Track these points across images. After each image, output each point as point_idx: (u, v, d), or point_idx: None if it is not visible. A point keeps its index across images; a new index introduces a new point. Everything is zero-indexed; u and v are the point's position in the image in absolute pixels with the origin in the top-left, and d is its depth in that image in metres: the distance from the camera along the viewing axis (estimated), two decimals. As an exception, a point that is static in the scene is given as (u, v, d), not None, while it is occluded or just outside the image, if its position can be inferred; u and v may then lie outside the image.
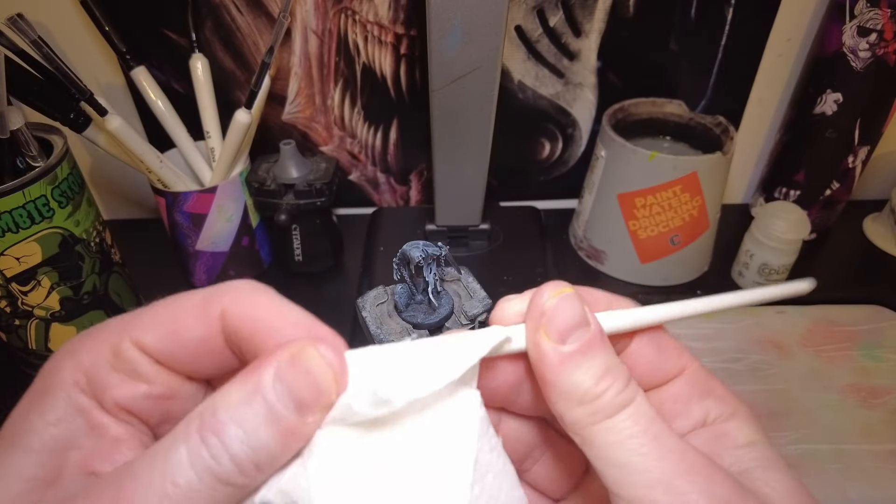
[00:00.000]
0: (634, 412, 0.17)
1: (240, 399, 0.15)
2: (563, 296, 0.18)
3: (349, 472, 0.16)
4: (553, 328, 0.18)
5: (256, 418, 0.15)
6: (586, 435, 0.18)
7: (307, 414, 0.16)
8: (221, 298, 0.17)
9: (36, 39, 0.41)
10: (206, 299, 0.17)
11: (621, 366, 0.18)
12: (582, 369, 0.18)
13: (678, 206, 0.50)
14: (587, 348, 0.18)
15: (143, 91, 0.51)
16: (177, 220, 0.50)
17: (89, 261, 0.44)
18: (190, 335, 0.17)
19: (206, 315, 0.17)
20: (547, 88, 0.58)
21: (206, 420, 0.15)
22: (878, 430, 0.42)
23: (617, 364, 0.18)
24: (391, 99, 0.57)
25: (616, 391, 0.18)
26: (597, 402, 0.17)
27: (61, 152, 0.41)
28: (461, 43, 0.42)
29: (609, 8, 0.53)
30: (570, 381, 0.18)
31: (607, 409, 0.17)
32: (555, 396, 0.18)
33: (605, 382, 0.17)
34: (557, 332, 0.18)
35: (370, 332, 0.32)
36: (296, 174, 0.51)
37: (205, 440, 0.15)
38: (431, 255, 0.30)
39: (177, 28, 0.52)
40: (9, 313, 0.43)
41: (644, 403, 0.18)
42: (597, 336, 0.18)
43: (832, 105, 0.52)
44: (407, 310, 0.32)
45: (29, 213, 0.39)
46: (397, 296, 0.32)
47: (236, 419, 0.15)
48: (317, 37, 0.54)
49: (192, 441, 0.15)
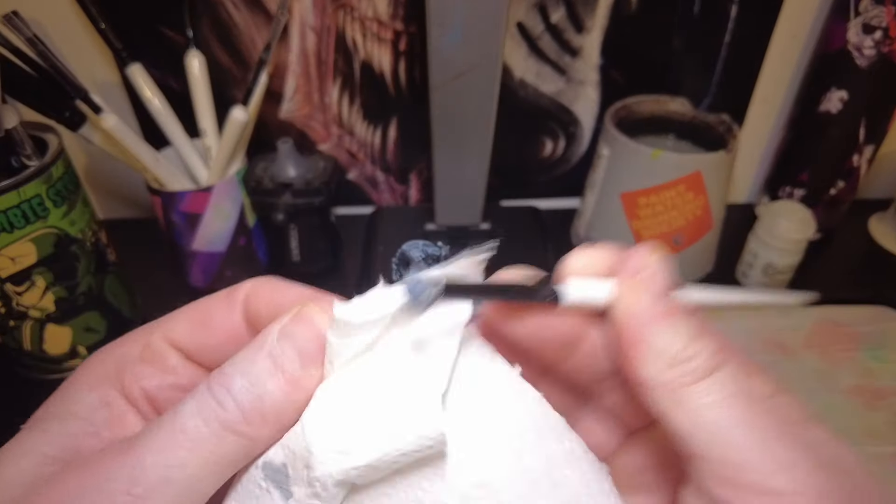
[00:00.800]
0: (729, 374, 0.17)
1: (246, 355, 0.17)
2: (661, 255, 0.18)
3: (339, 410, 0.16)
4: (653, 286, 0.18)
5: (262, 369, 0.16)
6: (677, 398, 0.17)
7: (310, 365, 0.17)
8: (244, 288, 0.19)
9: (31, 37, 0.40)
10: (230, 292, 0.20)
11: (713, 331, 0.18)
12: (677, 329, 0.17)
13: (682, 206, 0.49)
14: (684, 309, 0.18)
15: (139, 89, 0.50)
16: (173, 220, 0.50)
17: (84, 261, 0.44)
18: (217, 324, 0.19)
19: (230, 304, 0.19)
20: (548, 86, 0.57)
21: (213, 376, 0.16)
22: (882, 431, 0.42)
23: (709, 328, 0.18)
24: (390, 96, 0.57)
25: (711, 353, 0.17)
26: (691, 363, 0.17)
27: (56, 151, 0.41)
28: (461, 40, 0.42)
29: (611, 4, 0.52)
30: (665, 340, 0.17)
31: (701, 370, 0.17)
32: (644, 357, 0.17)
33: (700, 343, 0.17)
34: (658, 290, 0.18)
35: None
36: (293, 173, 0.50)
37: (211, 389, 0.16)
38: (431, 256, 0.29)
39: (173, 25, 0.52)
40: (3, 314, 0.42)
41: (736, 367, 0.17)
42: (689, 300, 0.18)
43: (837, 103, 0.52)
44: None
45: (24, 213, 0.39)
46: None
47: (242, 371, 0.16)
48: (315, 33, 0.53)
49: (201, 392, 0.16)
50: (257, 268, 0.56)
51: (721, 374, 0.17)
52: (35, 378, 0.46)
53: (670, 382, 0.17)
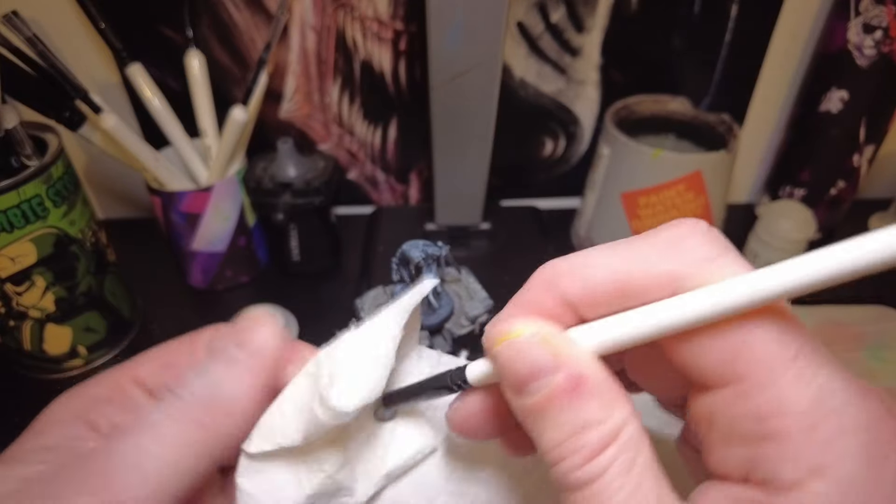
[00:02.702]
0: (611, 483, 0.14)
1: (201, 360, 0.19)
2: (511, 342, 0.16)
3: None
4: (505, 381, 0.16)
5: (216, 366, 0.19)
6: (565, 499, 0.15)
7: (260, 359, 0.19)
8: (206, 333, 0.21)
9: (31, 37, 0.40)
10: (192, 337, 0.22)
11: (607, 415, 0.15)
12: (544, 426, 0.15)
13: (682, 206, 0.49)
14: (547, 403, 0.15)
15: (139, 88, 0.50)
16: (172, 220, 0.50)
17: (84, 261, 0.44)
18: (178, 363, 0.21)
19: (192, 345, 0.21)
20: (549, 85, 0.57)
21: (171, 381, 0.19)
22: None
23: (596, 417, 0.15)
24: (390, 96, 0.57)
25: (584, 457, 0.15)
26: (564, 465, 0.15)
27: (56, 151, 0.41)
28: (461, 39, 0.42)
29: (612, 4, 0.52)
30: (536, 436, 0.16)
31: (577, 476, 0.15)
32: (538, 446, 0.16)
33: (573, 443, 0.15)
34: (511, 384, 0.16)
35: None
36: (293, 173, 0.50)
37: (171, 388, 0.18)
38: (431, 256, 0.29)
39: (173, 25, 0.52)
40: (3, 314, 0.42)
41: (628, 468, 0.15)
42: (564, 384, 0.15)
43: (837, 103, 0.52)
44: None
45: (23, 213, 0.39)
46: (396, 296, 0.31)
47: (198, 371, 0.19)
48: (315, 33, 0.53)
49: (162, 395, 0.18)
50: (257, 268, 0.56)
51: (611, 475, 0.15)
52: (35, 378, 0.46)
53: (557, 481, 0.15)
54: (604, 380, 0.15)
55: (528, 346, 0.16)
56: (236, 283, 0.55)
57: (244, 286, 0.55)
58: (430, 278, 0.26)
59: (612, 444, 0.15)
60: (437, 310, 0.31)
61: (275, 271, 0.57)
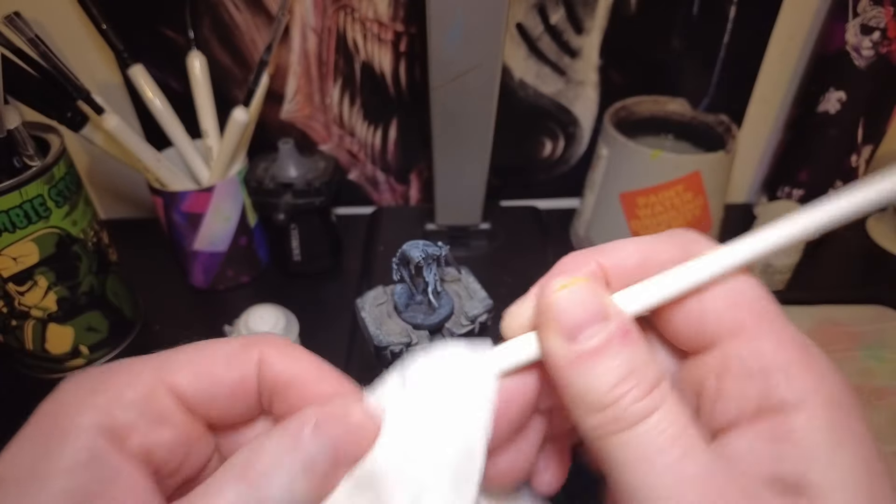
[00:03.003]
0: (658, 423, 0.15)
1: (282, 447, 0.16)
2: (571, 288, 0.17)
3: None
4: (559, 326, 0.16)
5: (293, 463, 0.16)
6: (601, 447, 0.16)
7: (341, 466, 0.17)
8: (259, 347, 0.18)
9: (33, 38, 0.40)
10: (244, 346, 0.18)
11: (649, 364, 0.16)
12: (595, 372, 0.16)
13: (681, 206, 0.49)
14: (603, 347, 0.16)
15: (141, 89, 0.50)
16: (174, 220, 0.50)
17: (86, 261, 0.44)
18: (225, 378, 0.18)
19: (243, 360, 0.18)
20: (548, 86, 0.57)
21: (249, 466, 0.16)
22: (882, 431, 0.42)
23: (642, 363, 0.16)
24: (391, 97, 0.57)
25: (635, 397, 0.15)
26: (612, 410, 0.15)
27: (58, 151, 0.41)
28: (461, 40, 0.42)
29: (611, 5, 0.52)
30: (582, 385, 0.16)
31: (625, 418, 0.15)
32: (569, 402, 0.16)
33: (624, 387, 0.15)
34: (565, 330, 0.16)
35: (369, 332, 0.31)
36: (294, 173, 0.50)
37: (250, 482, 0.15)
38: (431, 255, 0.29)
39: (174, 26, 0.52)
40: (5, 314, 0.42)
41: (673, 411, 0.16)
42: (616, 332, 0.16)
43: (835, 103, 0.52)
44: (406, 310, 0.31)
45: (26, 213, 0.39)
46: (397, 296, 0.31)
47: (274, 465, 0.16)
48: (316, 34, 0.53)
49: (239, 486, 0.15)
50: (258, 268, 0.56)
51: (653, 419, 0.15)
52: (37, 377, 0.46)
53: (594, 430, 0.16)
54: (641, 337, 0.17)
55: (585, 293, 0.17)
56: (237, 282, 0.55)
57: (245, 286, 0.55)
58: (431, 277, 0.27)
59: (659, 387, 0.16)
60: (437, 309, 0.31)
61: (276, 271, 0.57)
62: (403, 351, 0.28)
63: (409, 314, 0.31)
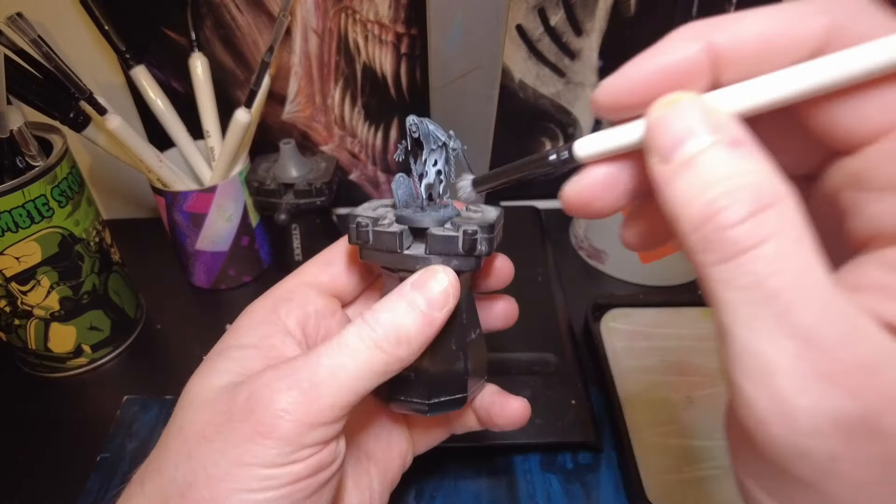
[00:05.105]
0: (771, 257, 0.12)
1: (389, 299, 0.23)
2: (668, 107, 0.15)
3: None
4: (656, 147, 0.15)
5: (400, 307, 0.22)
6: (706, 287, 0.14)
7: (434, 309, 0.23)
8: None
9: (35, 38, 0.41)
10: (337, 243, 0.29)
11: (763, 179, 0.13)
12: (689, 181, 0.14)
13: (679, 206, 0.50)
14: (698, 157, 0.14)
15: (143, 90, 0.51)
16: (176, 220, 0.50)
17: (89, 260, 0.44)
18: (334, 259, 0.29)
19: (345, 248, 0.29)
20: (548, 87, 0.57)
21: (366, 313, 0.23)
22: None
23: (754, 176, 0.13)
24: (391, 98, 0.57)
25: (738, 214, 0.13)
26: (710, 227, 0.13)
27: (61, 152, 0.41)
28: (461, 42, 0.42)
29: (610, 7, 0.53)
30: (679, 197, 0.14)
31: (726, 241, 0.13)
32: (673, 224, 0.15)
33: (723, 200, 0.13)
34: (661, 150, 0.15)
35: None
36: (296, 173, 0.51)
37: (366, 320, 0.22)
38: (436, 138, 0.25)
39: (176, 27, 0.52)
40: (8, 313, 0.42)
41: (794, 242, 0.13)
42: (720, 141, 0.14)
43: (834, 104, 0.52)
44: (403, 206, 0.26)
45: (28, 213, 0.39)
46: (395, 185, 0.27)
47: (386, 308, 0.22)
48: (317, 36, 0.54)
49: (359, 322, 0.22)
50: (260, 267, 0.57)
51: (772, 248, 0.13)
52: (40, 376, 0.47)
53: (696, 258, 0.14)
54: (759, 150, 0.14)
55: (688, 108, 0.15)
56: (239, 282, 0.55)
57: (247, 285, 0.56)
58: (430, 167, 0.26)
59: (776, 208, 0.13)
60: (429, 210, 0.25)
61: (277, 271, 0.57)
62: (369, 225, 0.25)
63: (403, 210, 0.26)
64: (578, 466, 0.39)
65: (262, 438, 0.20)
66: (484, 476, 0.38)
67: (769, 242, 0.12)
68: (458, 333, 0.26)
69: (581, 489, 0.37)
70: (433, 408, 0.27)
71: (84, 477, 0.38)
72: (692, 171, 0.14)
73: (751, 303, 0.12)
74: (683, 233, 0.14)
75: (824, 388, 0.12)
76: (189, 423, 0.22)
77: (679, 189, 0.14)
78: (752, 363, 0.13)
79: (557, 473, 0.38)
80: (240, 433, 0.20)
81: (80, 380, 0.47)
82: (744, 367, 0.13)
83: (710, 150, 0.14)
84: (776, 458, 0.13)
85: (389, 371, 0.22)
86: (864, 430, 0.12)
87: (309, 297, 0.27)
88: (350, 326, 0.22)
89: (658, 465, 0.37)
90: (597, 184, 0.19)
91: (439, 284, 0.23)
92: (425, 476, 0.38)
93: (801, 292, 0.12)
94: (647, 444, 0.38)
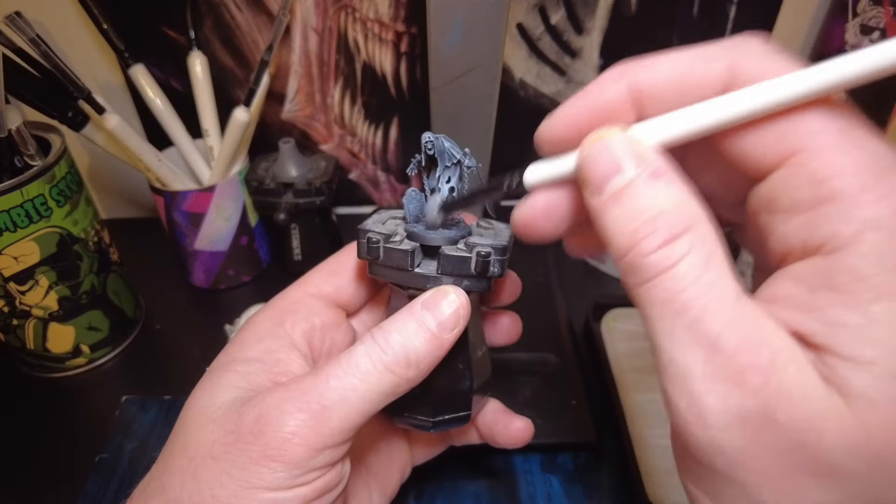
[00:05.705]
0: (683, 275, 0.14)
1: (399, 318, 0.22)
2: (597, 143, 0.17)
3: None
4: (588, 181, 0.17)
5: (410, 328, 0.22)
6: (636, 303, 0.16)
7: (444, 331, 0.22)
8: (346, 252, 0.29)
9: (34, 37, 0.41)
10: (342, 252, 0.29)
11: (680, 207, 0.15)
12: (615, 215, 0.16)
13: (680, 206, 0.49)
14: (623, 191, 0.16)
15: (142, 89, 0.50)
16: (175, 220, 0.50)
17: (87, 260, 0.44)
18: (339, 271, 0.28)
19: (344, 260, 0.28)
20: (548, 86, 0.57)
21: (376, 332, 0.22)
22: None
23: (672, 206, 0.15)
24: (391, 97, 0.57)
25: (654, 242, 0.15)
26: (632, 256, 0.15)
27: (59, 151, 0.41)
28: (462, 40, 0.42)
29: (611, 5, 0.52)
30: (608, 229, 0.16)
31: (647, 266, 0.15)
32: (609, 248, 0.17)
33: (643, 231, 0.15)
34: (592, 184, 0.17)
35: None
36: (295, 173, 0.51)
37: (376, 340, 0.22)
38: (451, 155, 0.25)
39: (175, 26, 0.52)
40: (6, 313, 0.42)
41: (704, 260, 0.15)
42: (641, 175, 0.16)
43: (835, 103, 0.52)
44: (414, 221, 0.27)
45: (27, 213, 0.39)
46: (406, 199, 0.27)
47: (397, 329, 0.22)
48: (317, 34, 0.53)
49: (368, 341, 0.22)
50: (259, 267, 0.56)
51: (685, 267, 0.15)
52: (38, 376, 0.47)
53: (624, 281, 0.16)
54: (677, 178, 0.16)
55: (615, 144, 0.17)
56: (238, 282, 0.55)
57: (246, 285, 0.55)
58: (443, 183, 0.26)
59: (688, 233, 0.15)
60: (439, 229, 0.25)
61: (277, 270, 0.57)
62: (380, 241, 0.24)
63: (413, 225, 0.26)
64: (579, 467, 0.39)
65: (270, 461, 0.20)
66: (484, 477, 0.38)
67: (680, 263, 0.15)
68: (464, 352, 0.26)
69: (582, 490, 0.37)
70: (437, 425, 0.26)
71: (83, 477, 0.38)
72: (619, 204, 0.16)
73: (668, 316, 0.15)
74: (615, 258, 0.16)
75: (729, 387, 0.14)
76: (195, 440, 0.22)
77: (609, 220, 0.16)
78: (673, 370, 0.15)
79: (558, 474, 0.38)
80: (248, 455, 0.20)
81: (78, 380, 0.46)
82: (668, 375, 0.15)
83: (635, 183, 0.16)
84: (699, 455, 0.15)
85: (398, 392, 0.22)
86: (763, 423, 0.14)
87: (314, 308, 0.27)
88: (359, 345, 0.22)
89: (659, 465, 0.37)
90: (539, 208, 0.21)
91: (450, 306, 0.23)
92: (425, 477, 0.38)
93: (708, 304, 0.14)
94: (647, 445, 0.38)
